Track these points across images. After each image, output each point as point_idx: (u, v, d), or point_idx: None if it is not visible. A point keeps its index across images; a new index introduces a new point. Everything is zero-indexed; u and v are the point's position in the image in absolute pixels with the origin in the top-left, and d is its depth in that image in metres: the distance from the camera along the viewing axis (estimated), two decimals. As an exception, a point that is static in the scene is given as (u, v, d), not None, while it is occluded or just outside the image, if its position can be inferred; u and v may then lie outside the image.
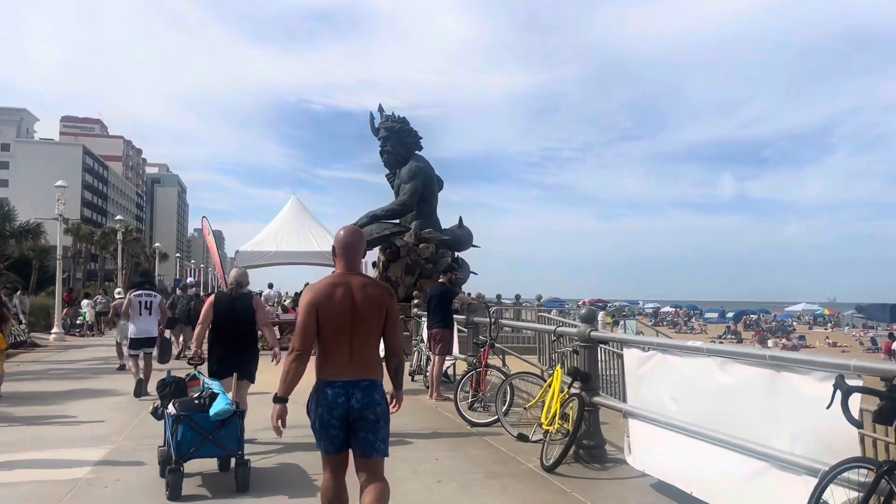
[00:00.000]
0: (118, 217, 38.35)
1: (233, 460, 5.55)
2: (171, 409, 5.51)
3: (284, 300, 22.56)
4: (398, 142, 22.70)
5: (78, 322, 27.31)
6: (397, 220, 22.55)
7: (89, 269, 63.72)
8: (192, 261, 77.52)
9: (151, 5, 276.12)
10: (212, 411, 5.35)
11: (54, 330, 23.49)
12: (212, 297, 7.30)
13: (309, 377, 3.78)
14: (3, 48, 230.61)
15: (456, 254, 22.43)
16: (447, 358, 10.03)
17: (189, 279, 17.91)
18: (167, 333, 12.05)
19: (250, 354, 6.94)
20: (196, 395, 5.71)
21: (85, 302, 27.98)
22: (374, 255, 22.60)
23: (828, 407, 3.20)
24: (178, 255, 70.17)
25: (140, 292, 10.91)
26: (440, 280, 10.22)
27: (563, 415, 6.13)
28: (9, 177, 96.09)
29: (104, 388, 11.23)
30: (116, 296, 18.17)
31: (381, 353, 3.88)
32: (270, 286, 25.14)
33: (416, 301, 15.21)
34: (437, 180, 23.62)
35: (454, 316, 10.08)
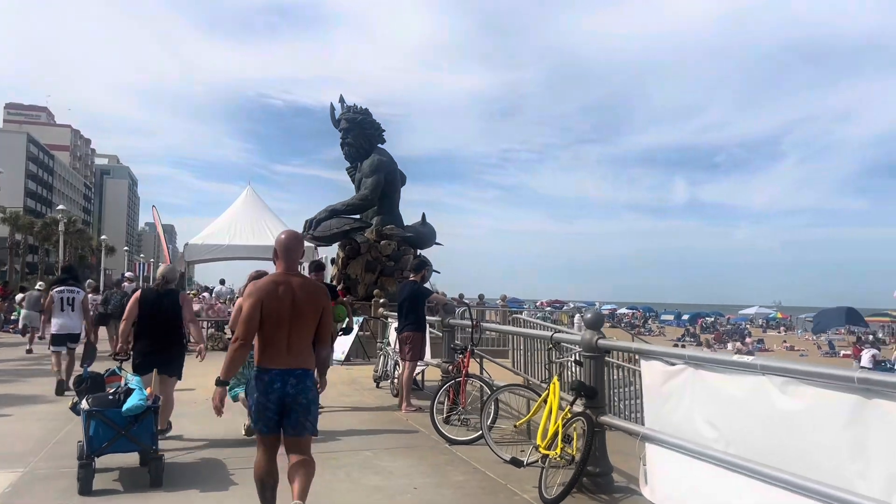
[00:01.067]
0: (60, 207, 36.18)
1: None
2: (84, 404, 5.51)
3: (238, 296, 21.21)
4: (360, 134, 21.68)
5: (13, 318, 25.43)
6: (358, 216, 21.57)
7: (29, 262, 60.68)
8: (142, 255, 74.61)
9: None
10: (125, 407, 5.38)
11: (-16, 326, 21.74)
12: (138, 293, 7.16)
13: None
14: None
15: (418, 251, 21.54)
16: (418, 364, 9.07)
17: (127, 273, 16.55)
18: (92, 336, 11.15)
19: (175, 351, 6.95)
20: (112, 390, 5.75)
21: (20, 296, 26.11)
22: (332, 251, 21.53)
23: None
24: (126, 248, 67.31)
25: (62, 288, 10.52)
26: (411, 278, 9.20)
27: (566, 437, 5.23)
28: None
29: (30, 395, 9.93)
30: (36, 290, 16.77)
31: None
32: (222, 282, 23.69)
33: (380, 301, 14.20)
34: (399, 175, 22.67)
35: (427, 317, 9.14)
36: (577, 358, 5.61)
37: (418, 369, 9.38)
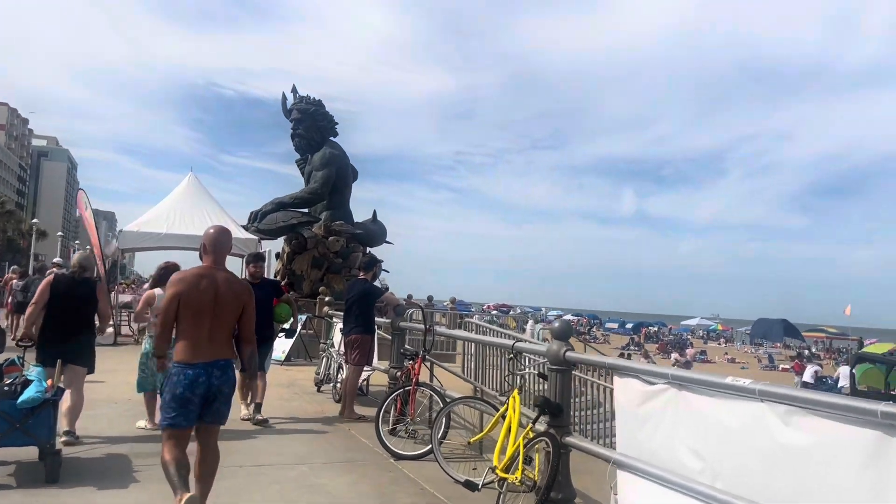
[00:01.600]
0: (-13, 187, 33.99)
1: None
2: None
3: (146, 287, 20.01)
4: (312, 125, 20.96)
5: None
6: (306, 210, 20.80)
7: (-45, 245, 57.40)
8: (77, 241, 71.51)
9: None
10: (20, 398, 5.21)
11: None
12: (50, 278, 6.77)
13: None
14: None
15: (368, 249, 20.87)
16: (365, 369, 8.42)
17: (56, 259, 15.41)
18: (4, 323, 10.56)
19: (84, 341, 6.60)
20: (9, 381, 5.52)
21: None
22: (277, 245, 20.66)
23: None
24: (60, 234, 64.24)
25: None
26: (361, 276, 8.51)
27: (527, 458, 4.68)
28: None
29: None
30: None
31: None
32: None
33: (326, 299, 13.48)
34: (351, 170, 21.98)
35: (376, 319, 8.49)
36: (542, 370, 5.07)
37: (364, 374, 8.73)
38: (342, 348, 9.03)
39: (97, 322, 6.77)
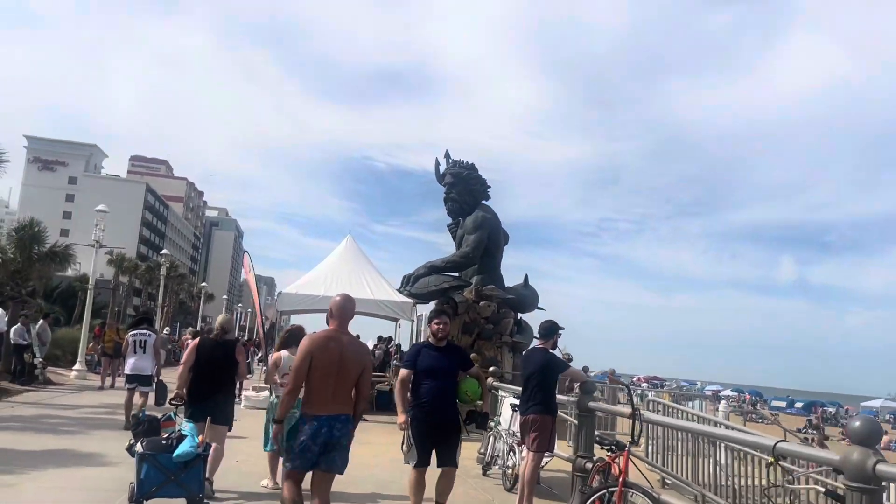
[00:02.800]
0: (164, 251, 36.69)
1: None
2: (139, 446, 5.53)
3: (273, 351, 19.78)
4: (464, 189, 20.48)
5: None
6: (457, 274, 20.13)
7: (135, 305, 62.73)
8: (240, 304, 76.12)
9: (230, 58, 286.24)
10: (176, 452, 5.44)
11: (76, 366, 21.43)
12: (196, 341, 7.29)
13: None
14: (86, 84, 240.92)
15: (519, 315, 19.78)
16: (545, 455, 7.16)
17: (201, 324, 15.62)
18: (163, 377, 11.07)
19: (226, 400, 7.07)
20: (166, 435, 5.75)
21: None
22: (428, 308, 20.07)
23: None
24: (225, 297, 68.64)
25: (136, 331, 11.27)
26: (538, 345, 7.28)
27: None
28: (72, 209, 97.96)
29: (88, 452, 8.72)
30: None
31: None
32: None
33: (490, 368, 12.44)
34: (503, 234, 21.18)
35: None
36: (832, 489, 3.66)
37: (543, 461, 7.46)
38: (513, 426, 7.87)
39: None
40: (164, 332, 32.36)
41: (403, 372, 6.13)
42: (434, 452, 5.92)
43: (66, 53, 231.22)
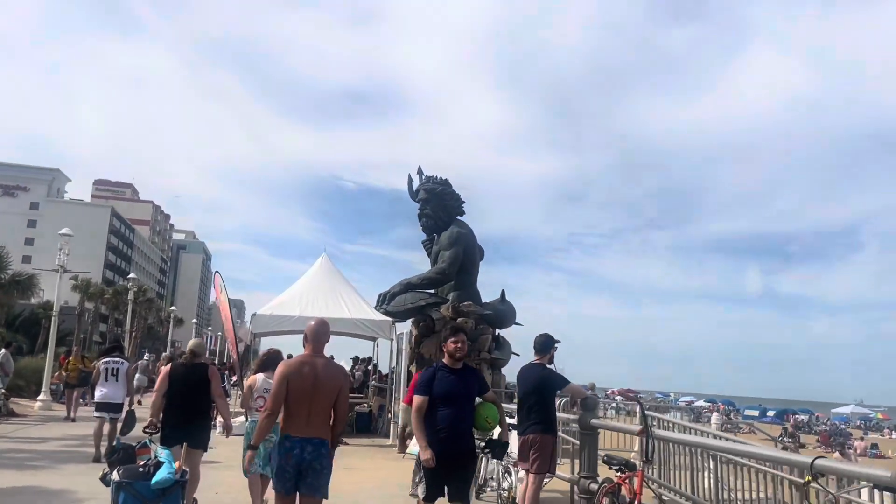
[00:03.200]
0: (131, 275, 35.84)
1: None
2: (115, 475, 5.45)
3: (249, 373, 19.36)
4: (438, 205, 20.29)
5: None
6: (434, 291, 19.91)
7: (102, 332, 61.21)
8: (210, 328, 74.83)
9: (195, 80, 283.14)
10: (153, 479, 5.40)
11: (41, 397, 20.70)
12: (168, 367, 7.35)
13: None
14: (47, 107, 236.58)
15: (497, 331, 19.61)
16: (545, 477, 6.85)
17: (170, 349, 15.20)
18: (133, 406, 11.12)
19: (201, 424, 7.05)
20: (142, 462, 5.72)
21: (81, 366, 25.17)
22: (406, 327, 19.78)
23: None
24: (195, 321, 67.48)
25: (108, 359, 11.15)
26: (535, 360, 6.89)
27: None
28: (35, 235, 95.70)
29: (56, 489, 8.30)
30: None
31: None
32: (290, 357, 21.92)
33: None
34: (479, 249, 21.04)
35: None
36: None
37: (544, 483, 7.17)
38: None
39: (217, 407, 7.26)
40: (146, 357, 31.49)
41: (418, 399, 5.47)
42: (445, 487, 5.37)
43: (27, 75, 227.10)
